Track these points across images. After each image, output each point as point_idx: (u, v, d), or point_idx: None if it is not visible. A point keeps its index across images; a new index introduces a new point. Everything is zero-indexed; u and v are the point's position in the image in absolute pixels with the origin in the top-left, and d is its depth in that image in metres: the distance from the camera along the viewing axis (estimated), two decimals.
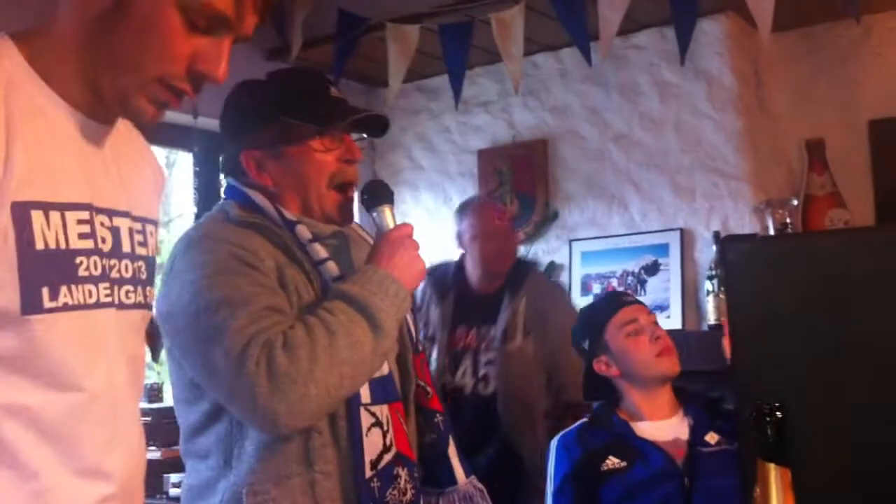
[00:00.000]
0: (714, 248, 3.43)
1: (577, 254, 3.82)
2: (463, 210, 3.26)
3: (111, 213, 1.16)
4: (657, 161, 3.67)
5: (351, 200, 1.67)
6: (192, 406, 1.57)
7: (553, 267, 3.86)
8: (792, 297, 1.08)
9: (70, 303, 1.08)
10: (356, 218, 1.76)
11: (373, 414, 1.55)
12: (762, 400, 0.94)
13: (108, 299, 1.14)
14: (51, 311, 1.06)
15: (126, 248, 1.19)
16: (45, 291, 1.05)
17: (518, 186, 3.96)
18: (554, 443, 2.30)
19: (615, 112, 3.77)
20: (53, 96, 1.10)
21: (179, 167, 4.92)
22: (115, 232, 1.16)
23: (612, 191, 3.76)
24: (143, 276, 1.23)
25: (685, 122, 3.61)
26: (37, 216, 1.05)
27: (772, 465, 1.01)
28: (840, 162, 3.62)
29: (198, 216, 3.81)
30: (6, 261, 1.02)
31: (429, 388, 1.71)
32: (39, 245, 1.05)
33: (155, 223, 1.29)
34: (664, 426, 2.22)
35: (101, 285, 1.12)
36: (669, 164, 3.64)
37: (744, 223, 3.48)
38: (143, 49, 1.07)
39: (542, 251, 3.92)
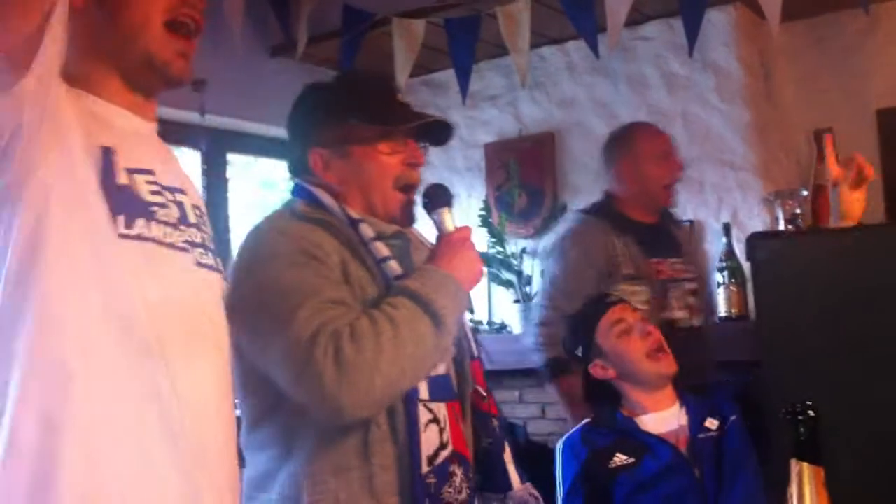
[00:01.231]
0: (724, 239, 3.42)
1: None
2: (624, 135, 2.94)
3: (173, 190, 1.27)
4: None
5: (413, 202, 1.72)
6: (252, 398, 1.61)
7: None
8: (820, 294, 1.08)
9: (146, 234, 1.18)
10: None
11: (430, 410, 1.58)
12: (794, 399, 0.94)
13: (183, 248, 1.23)
14: (126, 237, 1.15)
15: (192, 219, 1.29)
16: (120, 220, 1.15)
17: (526, 180, 3.94)
18: (559, 446, 2.31)
19: (623, 104, 3.75)
20: (98, 99, 1.22)
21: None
22: (179, 205, 1.27)
23: None
24: (212, 247, 1.32)
25: (693, 114, 3.60)
26: (119, 161, 1.17)
27: (805, 464, 1.01)
28: (848, 152, 3.59)
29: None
30: (94, 191, 1.14)
31: (484, 393, 1.72)
32: (120, 181, 1.16)
33: (206, 214, 1.38)
34: (667, 416, 2.24)
35: (177, 232, 1.22)
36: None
37: (753, 214, 3.47)
38: (138, 5, 1.22)
39: None
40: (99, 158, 1.15)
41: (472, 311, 1.75)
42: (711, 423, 2.19)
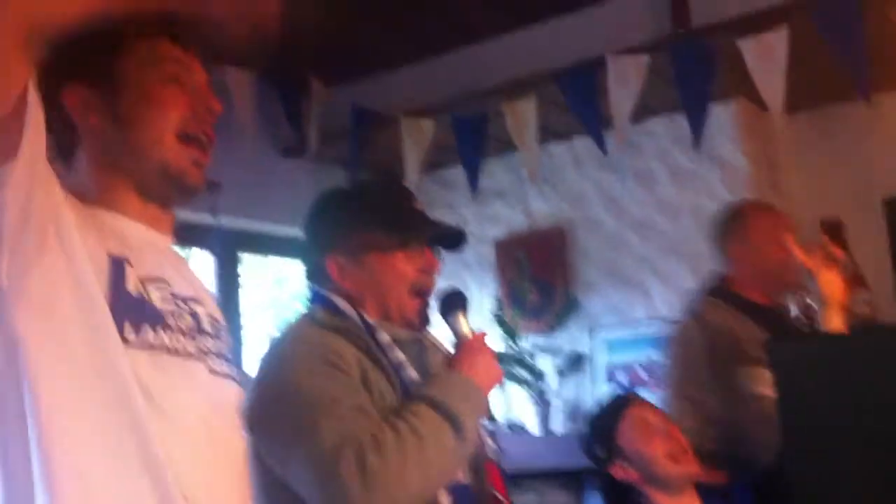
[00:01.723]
0: None
1: (601, 342, 3.78)
2: (737, 215, 2.82)
3: (186, 299, 1.27)
4: (677, 247, 3.66)
5: (428, 305, 1.74)
6: None
7: (577, 357, 3.81)
8: (841, 397, 1.06)
9: (154, 343, 1.17)
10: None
11: None
12: None
13: (197, 355, 1.22)
14: (131, 344, 1.14)
15: (207, 328, 1.28)
16: (126, 326, 1.14)
17: (537, 275, 3.94)
18: None
19: (631, 199, 3.78)
20: (117, 215, 1.25)
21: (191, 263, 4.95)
22: (194, 315, 1.27)
23: (632, 278, 3.74)
24: (229, 357, 1.31)
25: (702, 207, 3.61)
26: (130, 270, 1.18)
27: None
28: (858, 241, 3.59)
29: None
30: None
31: (501, 497, 1.70)
32: (131, 290, 1.17)
33: (225, 327, 1.38)
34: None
35: (188, 341, 1.22)
36: (689, 249, 3.62)
37: None
38: (153, 118, 1.26)
39: (565, 341, 3.88)
40: (107, 267, 1.16)
41: (491, 417, 1.75)
42: None
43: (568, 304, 3.86)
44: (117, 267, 1.17)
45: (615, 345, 3.75)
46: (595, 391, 3.73)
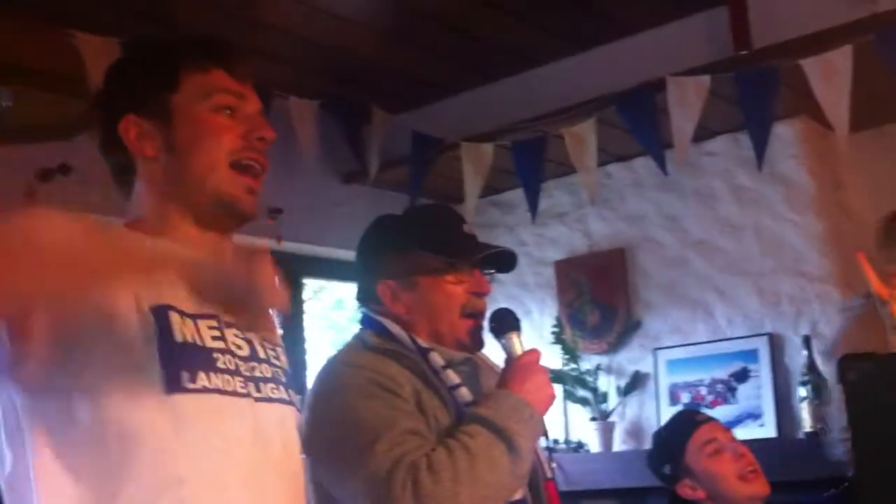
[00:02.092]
0: (804, 352, 3.33)
1: (663, 363, 3.75)
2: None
3: (240, 328, 1.30)
4: (739, 266, 3.62)
5: (481, 327, 1.75)
6: None
7: (638, 377, 3.79)
8: None
9: (208, 386, 1.19)
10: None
11: None
12: None
13: (244, 391, 1.24)
14: (192, 391, 1.17)
15: (262, 355, 1.32)
16: (184, 375, 1.17)
17: (597, 297, 3.93)
18: None
19: (693, 218, 3.75)
20: (170, 240, 1.28)
21: None
22: (248, 341, 1.30)
23: (694, 297, 3.71)
24: (284, 380, 1.34)
25: (765, 227, 3.58)
26: (174, 316, 1.19)
27: None
28: None
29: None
30: (150, 354, 1.16)
31: None
32: (178, 338, 1.19)
33: (282, 347, 1.41)
34: None
35: (237, 378, 1.24)
36: (752, 268, 3.59)
37: (833, 326, 3.39)
38: (207, 148, 1.30)
39: (626, 360, 3.86)
40: (152, 321, 1.18)
41: (546, 435, 1.74)
42: None
43: (629, 325, 3.84)
44: (161, 317, 1.18)
45: (677, 364, 3.72)
46: (657, 410, 3.70)
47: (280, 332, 1.45)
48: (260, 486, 1.22)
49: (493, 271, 1.81)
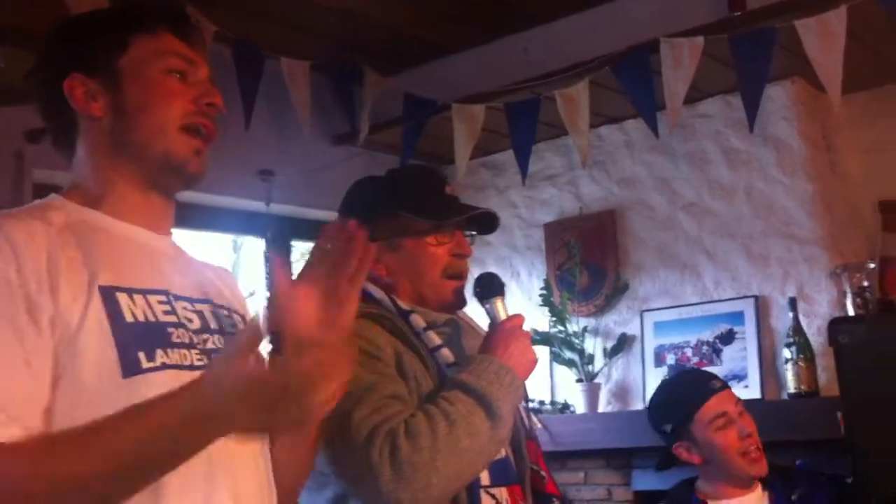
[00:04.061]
0: (790, 314, 3.36)
1: (650, 325, 3.77)
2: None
3: (191, 300, 1.28)
4: (729, 228, 3.63)
5: (464, 287, 1.74)
6: (316, 494, 1.60)
7: (625, 339, 3.82)
8: None
9: (168, 362, 1.17)
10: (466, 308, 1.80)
11: (493, 496, 1.58)
12: (885, 486, 0.91)
13: (201, 363, 1.22)
14: (149, 370, 1.15)
15: (214, 325, 1.29)
16: (141, 355, 1.15)
17: (587, 258, 3.94)
18: None
19: (684, 181, 3.75)
20: (111, 220, 1.27)
21: (246, 249, 5.02)
22: (199, 314, 1.28)
23: (683, 260, 3.73)
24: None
25: (756, 189, 3.58)
26: (122, 297, 1.18)
27: None
28: None
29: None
30: (105, 339, 1.14)
31: (543, 472, 1.71)
32: (129, 318, 1.17)
33: (242, 316, 1.38)
34: (745, 500, 2.17)
35: (193, 351, 1.22)
36: (742, 230, 3.60)
37: (820, 288, 3.42)
38: (156, 109, 1.28)
39: (614, 323, 3.89)
40: (100, 301, 1.15)
41: (526, 400, 1.75)
42: None
43: (618, 287, 3.86)
44: (110, 298, 1.16)
45: (664, 326, 3.74)
46: (643, 372, 3.73)
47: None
48: (225, 460, 1.20)
49: (474, 233, 1.80)
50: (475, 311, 1.81)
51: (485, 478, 1.57)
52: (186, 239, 1.97)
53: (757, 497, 2.18)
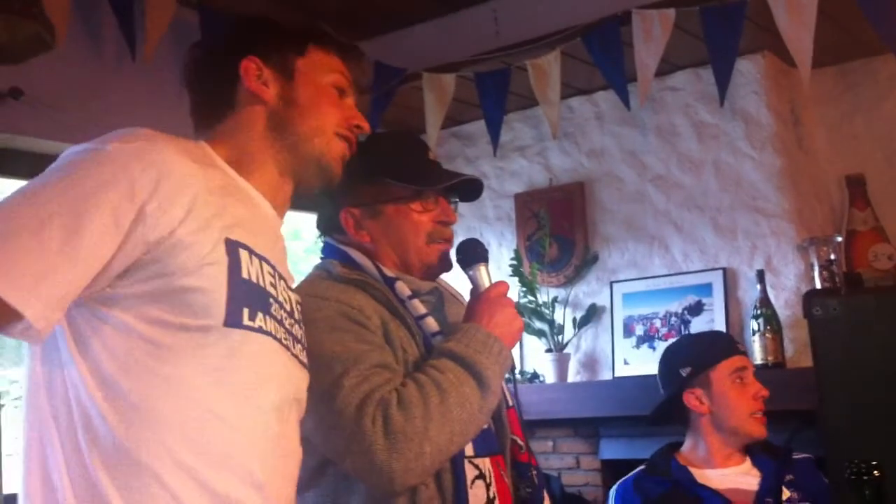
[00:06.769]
0: (758, 287, 3.40)
1: (619, 296, 3.80)
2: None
3: (287, 284, 1.40)
4: (697, 201, 3.66)
5: (448, 252, 1.73)
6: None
7: (594, 310, 3.85)
8: (879, 353, 1.08)
9: (264, 328, 1.27)
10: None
11: (476, 466, 1.58)
12: (858, 459, 0.92)
13: (287, 343, 1.33)
14: (248, 328, 1.24)
15: (297, 315, 1.41)
16: (246, 311, 1.24)
17: (556, 230, 3.95)
18: (612, 492, 2.27)
19: (653, 154, 3.77)
20: (248, 185, 1.38)
21: None
22: (289, 300, 1.38)
23: (652, 232, 3.75)
24: (305, 344, 1.42)
25: (724, 162, 3.61)
26: (244, 254, 1.27)
27: None
28: (881, 196, 3.60)
29: None
30: (219, 281, 1.22)
31: (521, 442, 1.72)
32: (245, 275, 1.25)
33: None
34: (729, 473, 2.20)
35: (281, 329, 1.32)
36: (710, 203, 3.63)
37: (787, 261, 3.46)
38: (323, 112, 1.45)
39: (583, 293, 3.91)
40: (224, 252, 1.24)
41: (513, 369, 1.75)
42: (784, 494, 2.12)
43: (587, 258, 3.88)
44: (233, 252, 1.25)
45: (633, 298, 3.77)
46: (612, 343, 3.76)
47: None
48: (277, 449, 1.29)
49: (457, 200, 1.79)
50: (455, 279, 1.79)
51: (468, 448, 1.57)
52: None
53: (743, 470, 2.20)
